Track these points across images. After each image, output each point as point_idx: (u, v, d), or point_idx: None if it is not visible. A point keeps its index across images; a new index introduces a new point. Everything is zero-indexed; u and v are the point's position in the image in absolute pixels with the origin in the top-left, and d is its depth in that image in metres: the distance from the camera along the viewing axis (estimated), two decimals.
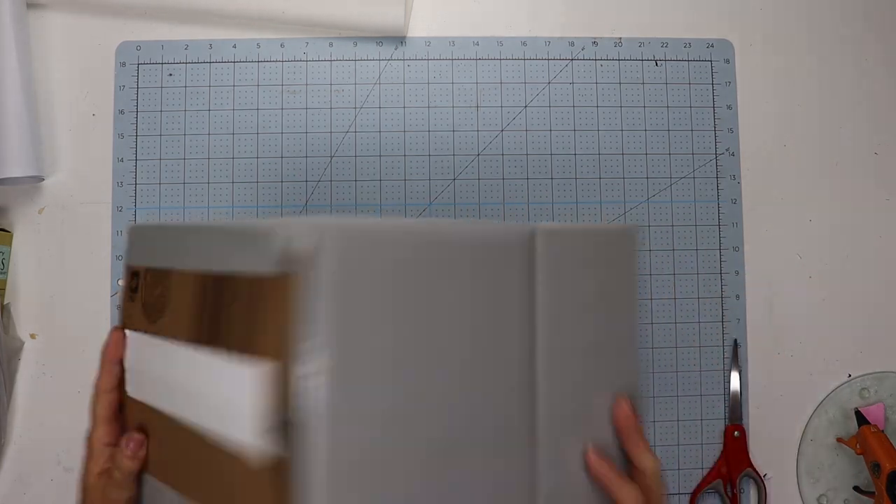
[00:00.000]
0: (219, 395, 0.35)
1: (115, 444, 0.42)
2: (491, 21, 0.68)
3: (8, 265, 0.64)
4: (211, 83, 0.66)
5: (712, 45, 0.68)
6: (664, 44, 0.68)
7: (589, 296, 0.42)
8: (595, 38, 0.68)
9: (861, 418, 0.64)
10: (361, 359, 0.33)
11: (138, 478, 0.41)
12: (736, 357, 0.66)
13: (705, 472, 0.65)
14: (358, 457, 0.32)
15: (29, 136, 0.62)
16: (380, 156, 0.66)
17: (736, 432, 0.65)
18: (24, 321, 0.64)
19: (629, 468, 0.43)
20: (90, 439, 0.43)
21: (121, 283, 0.65)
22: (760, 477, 0.65)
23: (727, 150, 0.67)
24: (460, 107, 0.67)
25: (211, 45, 0.67)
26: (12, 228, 0.65)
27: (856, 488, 0.65)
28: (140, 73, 0.66)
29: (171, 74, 0.66)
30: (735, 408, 0.65)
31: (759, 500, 0.65)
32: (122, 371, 0.43)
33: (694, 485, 0.65)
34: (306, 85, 0.66)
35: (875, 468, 0.60)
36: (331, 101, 0.66)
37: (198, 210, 0.65)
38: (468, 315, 0.37)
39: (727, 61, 0.68)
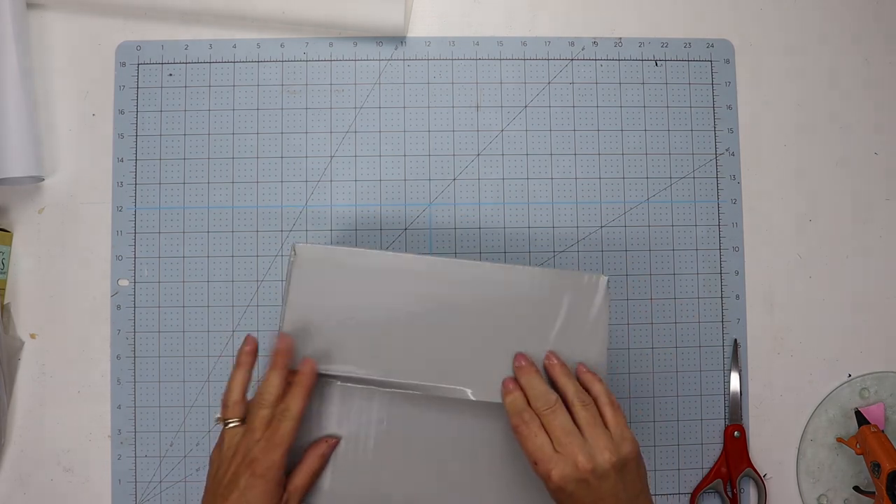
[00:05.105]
0: None
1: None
2: (491, 21, 0.68)
3: (8, 265, 0.64)
4: (211, 83, 0.66)
5: (712, 45, 0.68)
6: (664, 44, 0.68)
7: None
8: (595, 38, 0.68)
9: (861, 418, 0.64)
10: None
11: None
12: (736, 357, 0.66)
13: (705, 472, 0.65)
14: None
15: (29, 136, 0.62)
16: (380, 156, 0.66)
17: (736, 432, 0.65)
18: (24, 321, 0.64)
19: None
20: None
21: (121, 282, 0.65)
22: (760, 477, 0.65)
23: (727, 150, 0.67)
24: (460, 107, 0.67)
25: (211, 45, 0.67)
26: (12, 228, 0.65)
27: (856, 488, 0.65)
28: (140, 73, 0.66)
29: (171, 74, 0.66)
30: (735, 408, 0.65)
31: (759, 500, 0.65)
32: None
33: (694, 485, 0.65)
34: (306, 85, 0.66)
35: (875, 468, 0.60)
36: (331, 101, 0.66)
37: (198, 210, 0.65)
38: None
39: (727, 61, 0.68)
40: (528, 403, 0.50)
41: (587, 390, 0.51)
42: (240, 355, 0.52)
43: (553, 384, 0.51)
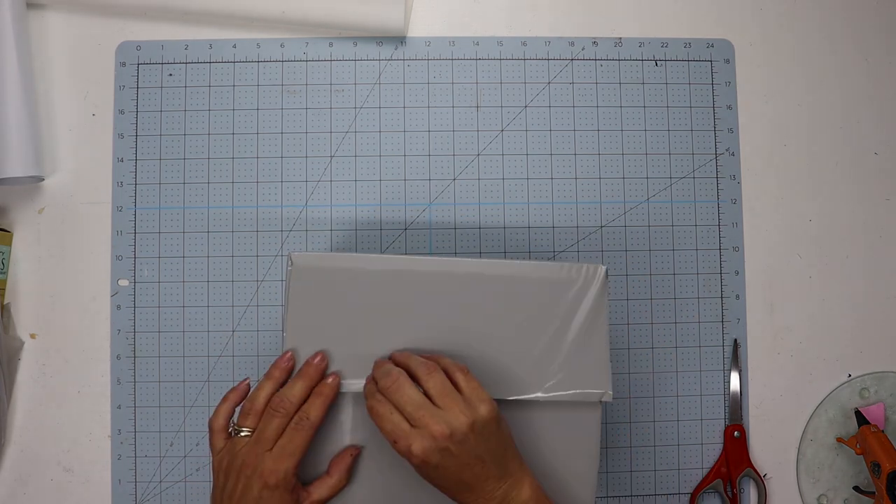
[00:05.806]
0: None
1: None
2: (491, 21, 0.68)
3: (8, 265, 0.64)
4: (211, 83, 0.66)
5: (712, 45, 0.68)
6: (664, 44, 0.68)
7: None
8: (595, 38, 0.68)
9: (861, 418, 0.64)
10: None
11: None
12: (736, 357, 0.66)
13: (705, 472, 0.65)
14: None
15: (29, 136, 0.62)
16: (380, 156, 0.66)
17: (736, 432, 0.65)
18: (24, 321, 0.64)
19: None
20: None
21: (121, 282, 0.65)
22: (760, 477, 0.65)
23: (727, 150, 0.67)
24: (460, 107, 0.67)
25: (211, 45, 0.67)
26: (12, 228, 0.65)
27: (856, 488, 0.65)
28: (140, 73, 0.66)
29: (171, 74, 0.66)
30: (735, 408, 0.65)
31: (759, 500, 0.65)
32: None
33: (694, 485, 0.65)
34: (306, 85, 0.66)
35: (875, 468, 0.60)
36: (331, 101, 0.66)
37: (198, 210, 0.65)
38: None
39: (727, 61, 0.68)
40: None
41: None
42: (274, 369, 0.51)
43: (412, 376, 0.49)
